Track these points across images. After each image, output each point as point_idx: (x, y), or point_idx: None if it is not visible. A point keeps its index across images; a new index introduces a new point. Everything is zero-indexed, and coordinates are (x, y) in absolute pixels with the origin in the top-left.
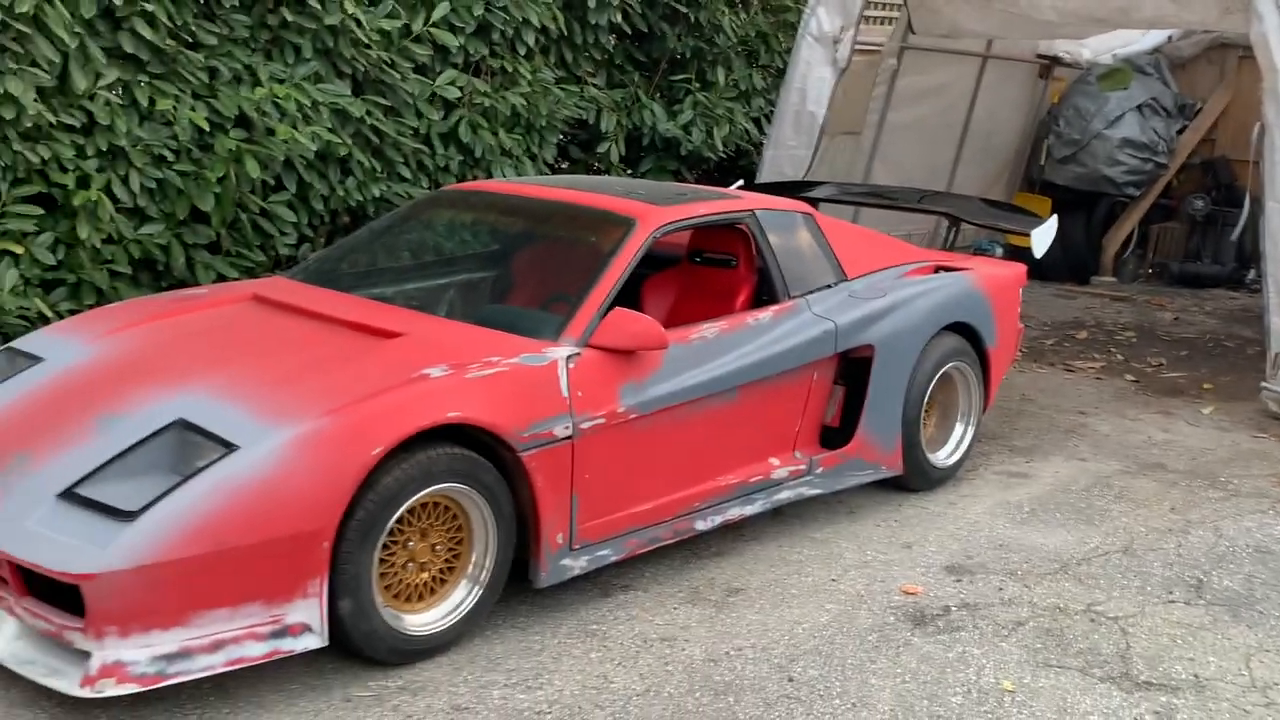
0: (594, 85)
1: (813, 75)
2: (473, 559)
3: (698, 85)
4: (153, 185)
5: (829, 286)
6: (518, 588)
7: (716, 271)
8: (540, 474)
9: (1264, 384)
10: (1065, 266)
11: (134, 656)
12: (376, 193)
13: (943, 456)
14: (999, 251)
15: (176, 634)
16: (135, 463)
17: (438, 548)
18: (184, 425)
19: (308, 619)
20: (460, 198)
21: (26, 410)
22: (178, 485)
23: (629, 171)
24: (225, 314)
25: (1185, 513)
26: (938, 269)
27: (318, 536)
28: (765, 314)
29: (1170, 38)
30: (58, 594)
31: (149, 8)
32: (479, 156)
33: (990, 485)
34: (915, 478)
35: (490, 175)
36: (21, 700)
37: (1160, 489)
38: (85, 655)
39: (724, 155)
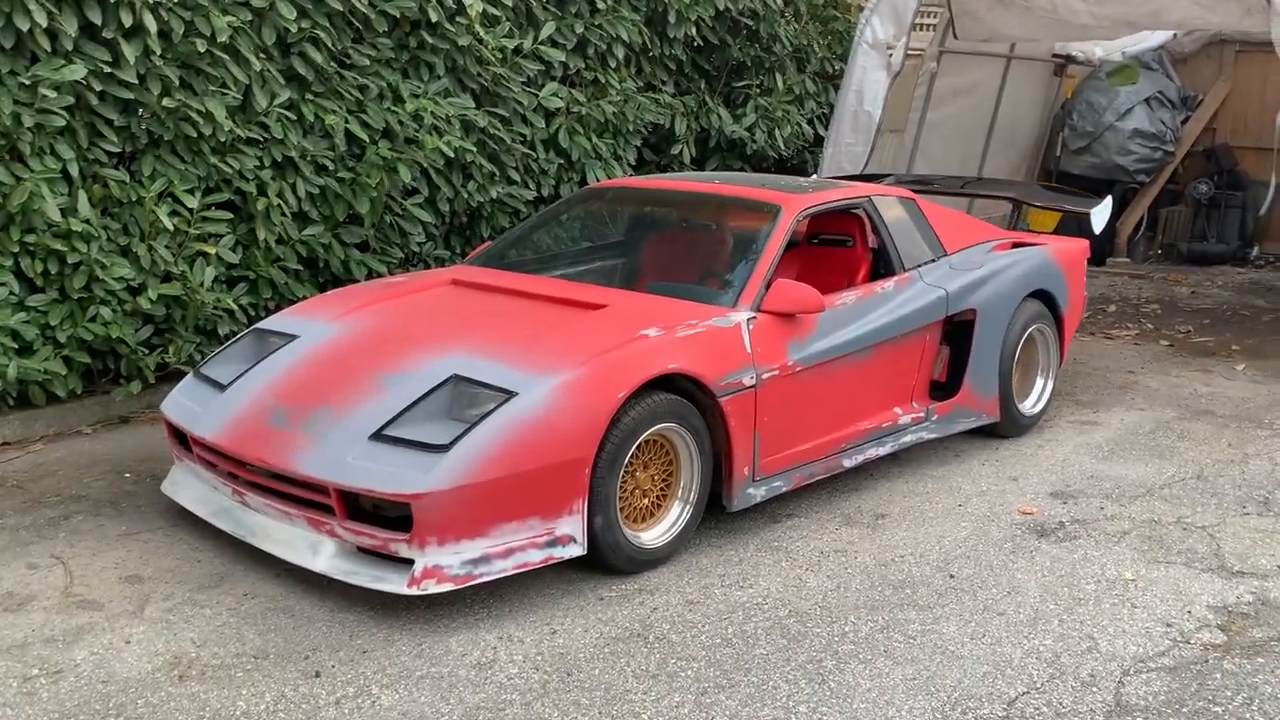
0: (666, 92)
1: (869, 79)
2: (683, 484)
3: (758, 90)
4: (315, 191)
5: (933, 260)
6: (706, 515)
7: (835, 251)
8: (734, 416)
9: None
10: None
11: (449, 561)
12: (494, 194)
13: (1028, 406)
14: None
15: (480, 543)
16: (427, 409)
17: (655, 478)
18: (459, 379)
19: (573, 531)
20: (610, 193)
21: (308, 374)
22: (476, 424)
23: (697, 168)
24: (437, 295)
25: (1241, 448)
26: (1014, 245)
27: (581, 463)
28: (889, 284)
29: (1175, 35)
30: (371, 518)
31: (318, 34)
32: (574, 160)
33: (1068, 431)
34: (1008, 425)
35: (584, 177)
36: (341, 605)
37: (1215, 430)
38: (407, 562)
39: (785, 154)
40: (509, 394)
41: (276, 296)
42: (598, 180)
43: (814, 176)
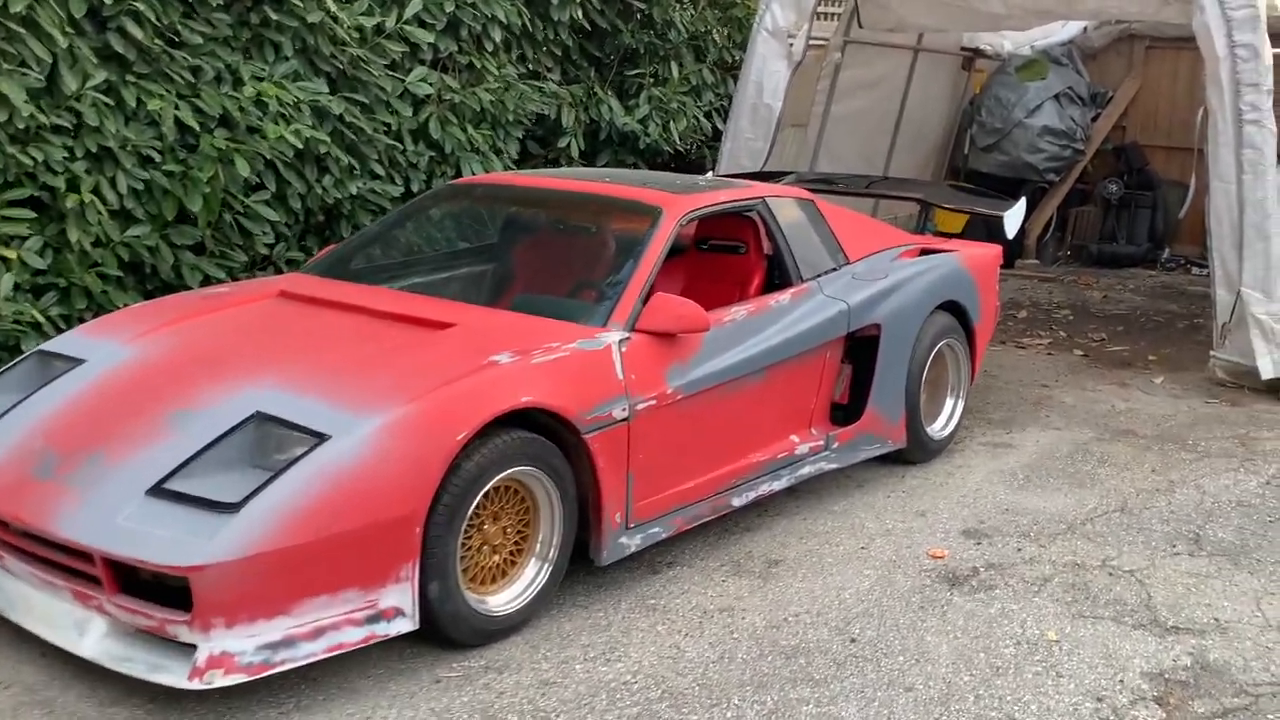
0: (552, 80)
1: (768, 69)
2: (541, 538)
3: (651, 80)
4: (140, 186)
5: (834, 270)
6: (571, 568)
7: (726, 258)
8: (602, 455)
9: (1213, 353)
10: None
11: (241, 646)
12: (353, 190)
13: (937, 429)
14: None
15: (280, 622)
16: (220, 456)
17: (508, 530)
18: (262, 418)
19: (401, 603)
20: (474, 190)
21: (86, 410)
22: (276, 476)
23: (586, 164)
24: (259, 310)
25: (1166, 474)
26: (922, 251)
27: (411, 520)
28: (785, 296)
29: (1085, 29)
30: (152, 590)
31: (138, 6)
32: (448, 152)
33: (980, 455)
34: (916, 450)
35: (459, 171)
36: (112, 698)
37: (1136, 453)
38: (189, 648)
39: (681, 149)
40: (320, 437)
41: (94, 307)
42: (474, 175)
43: (709, 174)
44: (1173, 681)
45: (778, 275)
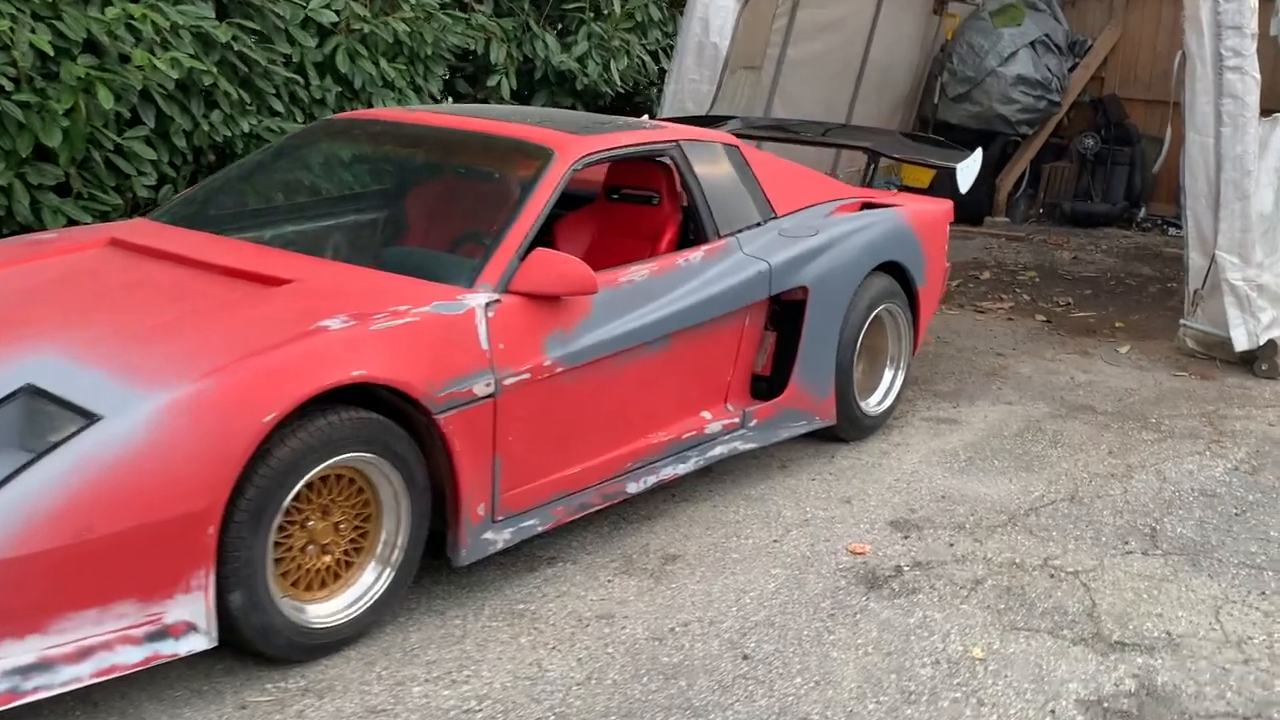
0: (481, 13)
1: (715, 5)
2: (382, 537)
3: (592, 15)
4: None
5: (759, 224)
6: (432, 565)
7: (637, 209)
8: (459, 438)
9: (1183, 321)
10: (959, 206)
11: None
12: (245, 127)
13: (873, 404)
14: (894, 189)
15: (33, 642)
16: None
17: (342, 526)
18: (33, 392)
19: (192, 616)
20: (350, 127)
21: None
22: (29, 465)
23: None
24: (79, 261)
25: (1124, 456)
26: (864, 205)
27: (201, 520)
28: (696, 254)
29: None
30: None
31: None
32: (359, 88)
33: (921, 433)
34: (848, 427)
35: (371, 108)
36: None
37: (1093, 432)
38: None
39: (621, 90)
40: (90, 417)
41: None
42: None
43: (645, 116)
44: (1112, 712)
45: (693, 230)
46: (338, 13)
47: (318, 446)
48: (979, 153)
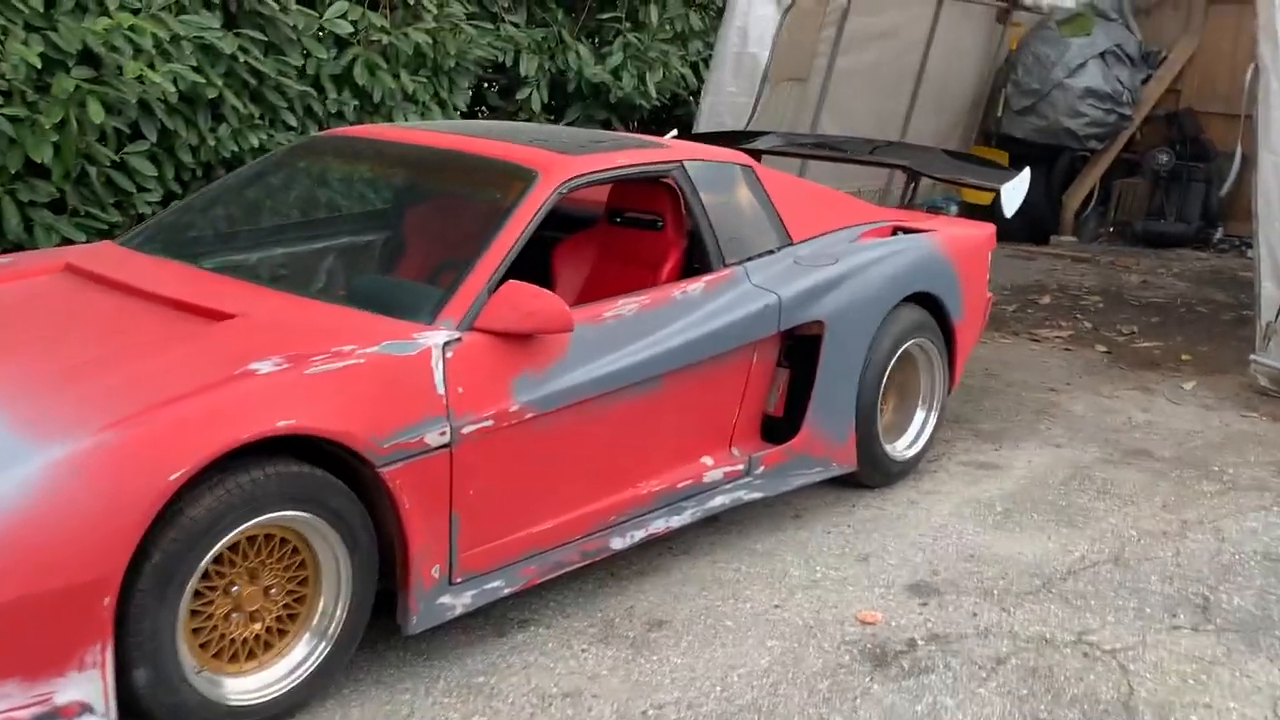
0: (512, 24)
1: (754, 13)
2: (319, 606)
3: (628, 25)
4: None
5: (771, 252)
6: (391, 624)
7: (640, 234)
8: (407, 493)
9: (1253, 356)
10: (1023, 225)
11: None
12: (255, 141)
13: (901, 447)
14: (954, 210)
15: None
16: None
17: (273, 591)
18: None
19: (86, 696)
20: (335, 145)
21: None
22: None
23: (553, 120)
24: (23, 289)
25: (1179, 511)
26: (896, 230)
27: (96, 590)
28: (695, 286)
29: None
30: None
31: None
32: (378, 101)
33: (956, 479)
34: (871, 473)
35: (391, 122)
36: None
37: (1148, 481)
38: None
39: (658, 103)
40: None
41: None
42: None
43: (673, 132)
44: None
45: (697, 258)
46: (354, 23)
47: (238, 505)
48: (1026, 173)
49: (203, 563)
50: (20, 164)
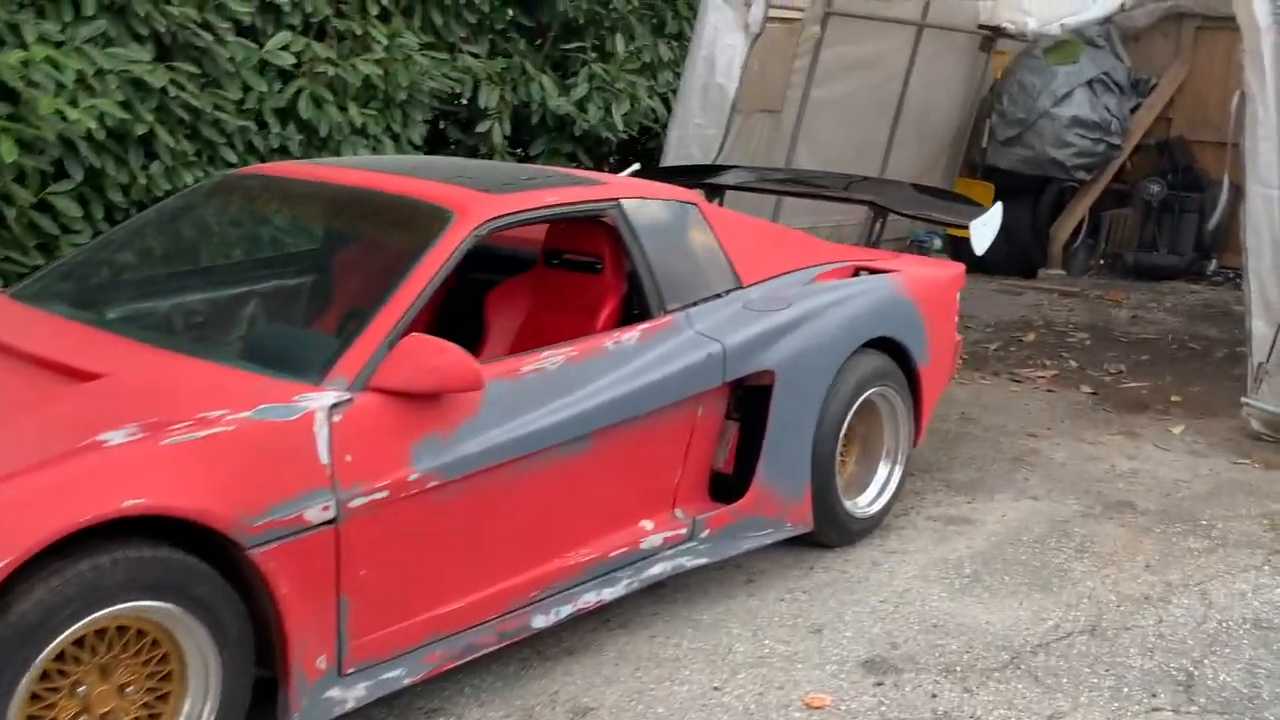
0: (470, 54)
1: (721, 42)
2: (185, 707)
3: (594, 56)
4: None
5: (718, 296)
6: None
7: (579, 278)
8: (284, 576)
9: (1245, 399)
10: (1009, 258)
11: None
12: (190, 179)
13: (864, 504)
14: (938, 244)
15: None
16: None
17: (130, 690)
18: None
19: None
20: (245, 185)
21: None
22: None
23: (517, 154)
24: None
25: (1163, 572)
26: (858, 271)
27: None
28: (629, 335)
29: (1123, 5)
30: None
31: None
32: (325, 135)
33: (924, 536)
34: (830, 532)
35: (340, 156)
36: None
37: (1130, 537)
38: None
39: (625, 135)
40: None
41: None
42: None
43: (634, 166)
44: None
45: (636, 304)
46: (299, 54)
47: (78, 597)
48: (998, 210)
49: (38, 660)
50: None
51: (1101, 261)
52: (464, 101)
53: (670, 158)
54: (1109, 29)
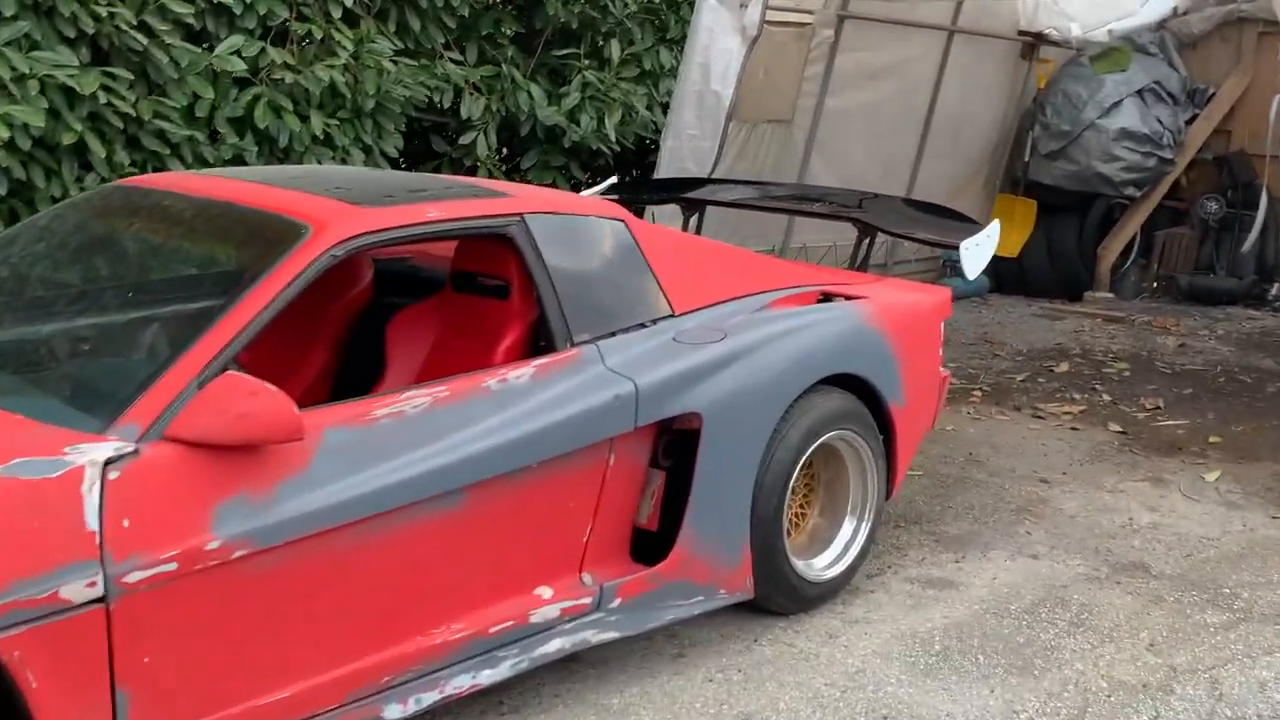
0: (453, 61)
1: (716, 46)
2: None
3: (589, 63)
4: None
5: (642, 326)
6: None
7: (485, 303)
8: (34, 667)
9: None
10: (1054, 279)
11: None
12: None
13: (822, 565)
14: (952, 264)
15: None
16: None
17: None
18: None
19: None
20: (112, 199)
21: None
22: None
23: (507, 167)
24: None
25: (1169, 653)
26: (824, 296)
27: None
28: (520, 371)
29: (1175, 10)
30: None
31: None
32: (285, 147)
33: (895, 602)
34: (778, 598)
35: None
36: None
37: (1137, 608)
38: None
39: (618, 147)
40: None
41: None
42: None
43: (613, 178)
44: None
45: (542, 334)
46: (252, 60)
47: None
48: (994, 229)
49: None
50: None
51: (1154, 284)
52: (433, 110)
53: (663, 169)
54: (1163, 35)
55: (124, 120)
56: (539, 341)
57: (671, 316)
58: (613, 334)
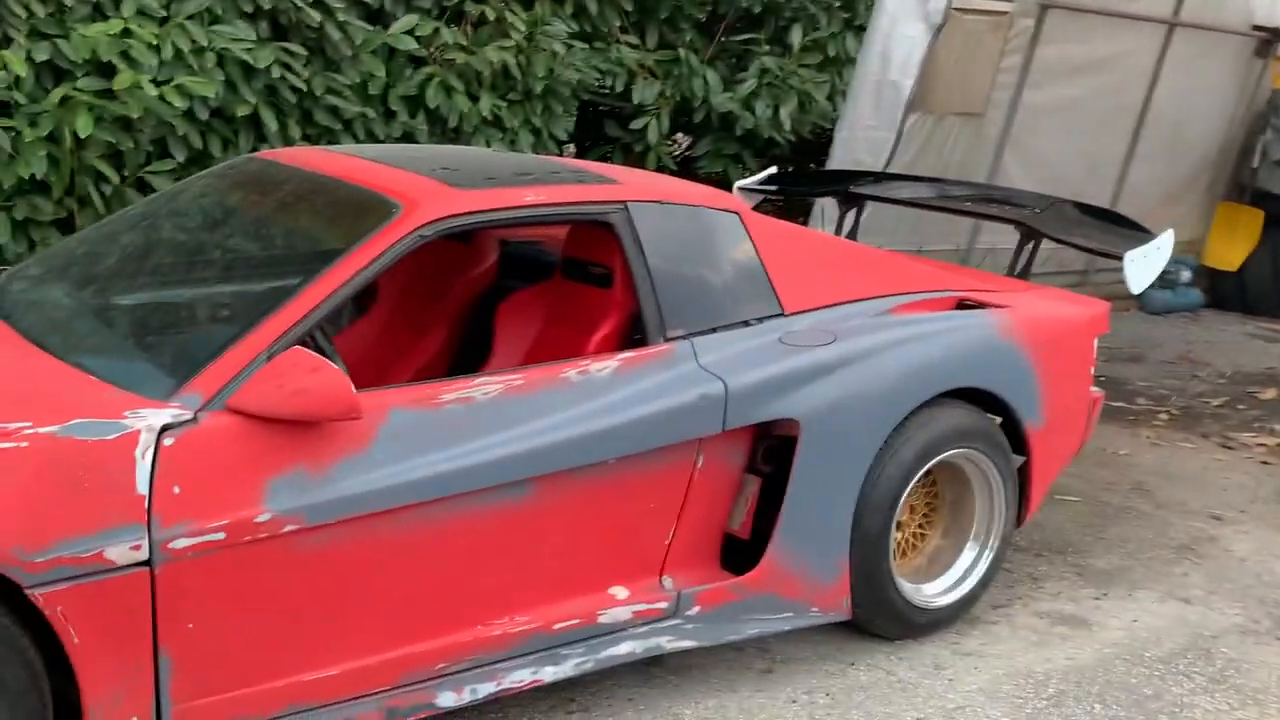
0: (628, 44)
1: (897, 33)
2: None
3: (770, 49)
4: None
5: (745, 324)
6: None
7: (590, 292)
8: (77, 623)
9: None
10: (1277, 297)
11: None
12: None
13: (934, 592)
14: (1186, 275)
15: None
16: None
17: None
18: None
19: None
20: (244, 172)
21: None
22: None
23: (679, 157)
24: None
25: None
26: (961, 304)
27: None
28: (604, 364)
29: None
30: None
31: None
32: (455, 128)
33: (1018, 637)
34: (882, 622)
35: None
36: None
37: None
38: None
39: (793, 137)
40: None
41: None
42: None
43: (772, 169)
44: None
45: (637, 327)
46: (421, 40)
47: None
48: (1167, 240)
49: None
50: (13, 179)
51: None
52: (606, 93)
53: (837, 160)
54: None
55: (298, 95)
56: (634, 334)
57: (781, 316)
58: (712, 330)
